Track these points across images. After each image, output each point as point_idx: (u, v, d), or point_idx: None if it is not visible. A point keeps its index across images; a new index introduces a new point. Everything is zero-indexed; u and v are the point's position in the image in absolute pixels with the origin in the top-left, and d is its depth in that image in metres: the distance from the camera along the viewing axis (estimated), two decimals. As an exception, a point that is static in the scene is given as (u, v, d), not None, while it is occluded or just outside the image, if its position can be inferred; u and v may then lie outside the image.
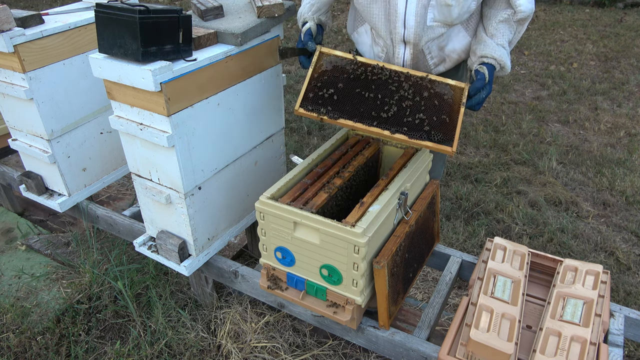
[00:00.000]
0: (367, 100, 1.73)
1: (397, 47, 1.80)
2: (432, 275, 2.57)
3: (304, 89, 1.78)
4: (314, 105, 1.76)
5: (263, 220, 1.67)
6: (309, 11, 1.93)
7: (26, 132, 2.30)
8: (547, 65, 5.34)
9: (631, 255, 2.70)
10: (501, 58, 1.74)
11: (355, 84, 1.77)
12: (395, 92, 1.73)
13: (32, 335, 2.16)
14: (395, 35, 1.77)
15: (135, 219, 2.39)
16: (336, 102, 1.75)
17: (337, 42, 6.15)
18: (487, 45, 1.75)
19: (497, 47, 1.74)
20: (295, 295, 1.74)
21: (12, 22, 1.96)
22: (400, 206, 1.72)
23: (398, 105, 1.71)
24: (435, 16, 1.68)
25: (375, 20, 1.78)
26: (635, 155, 3.64)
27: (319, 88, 1.78)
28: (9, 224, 2.92)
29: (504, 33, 1.74)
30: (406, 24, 1.71)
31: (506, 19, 1.72)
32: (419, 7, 1.67)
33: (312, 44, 1.84)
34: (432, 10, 1.67)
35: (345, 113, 1.73)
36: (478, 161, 3.58)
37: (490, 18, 1.75)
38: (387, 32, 1.79)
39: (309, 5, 1.93)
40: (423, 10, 1.67)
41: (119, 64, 1.61)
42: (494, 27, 1.74)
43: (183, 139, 1.72)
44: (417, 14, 1.68)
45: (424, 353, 1.64)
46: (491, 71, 1.75)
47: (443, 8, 1.64)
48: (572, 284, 1.68)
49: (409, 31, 1.73)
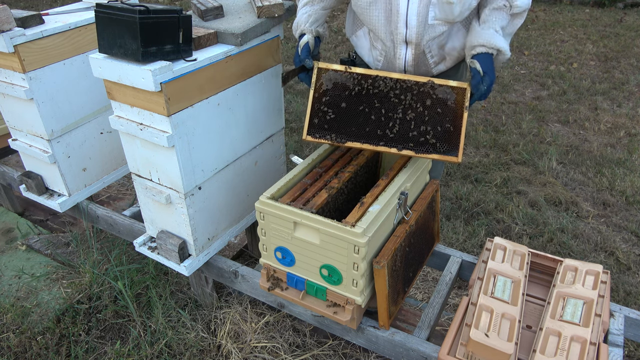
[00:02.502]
0: (371, 118, 1.75)
1: (399, 47, 1.79)
2: (432, 275, 2.57)
3: (308, 114, 1.79)
4: (320, 132, 1.79)
5: (263, 220, 1.67)
6: (306, 22, 1.87)
7: (26, 132, 2.30)
8: (547, 65, 5.34)
9: (631, 255, 2.70)
10: (489, 41, 1.67)
11: (358, 101, 1.78)
12: (398, 104, 1.74)
13: (32, 335, 2.16)
14: (397, 36, 1.76)
15: (135, 219, 2.39)
16: (341, 125, 1.77)
17: (337, 42, 6.15)
18: (476, 34, 1.70)
19: (485, 31, 1.68)
20: (295, 295, 1.74)
21: (12, 22, 1.96)
22: (400, 206, 1.72)
23: (402, 119, 1.73)
24: (436, 14, 1.68)
25: (375, 22, 1.77)
26: (635, 155, 3.64)
27: (323, 112, 1.79)
28: (9, 224, 2.92)
29: (496, 19, 1.69)
30: (408, 23, 1.71)
31: (500, 7, 1.68)
32: (420, 6, 1.66)
33: (310, 61, 1.81)
34: (433, 8, 1.66)
35: (352, 135, 1.76)
36: (478, 161, 3.59)
37: (484, 8, 1.72)
38: (387, 34, 1.79)
39: (306, 16, 1.88)
40: (425, 9, 1.67)
41: (119, 64, 1.61)
42: (486, 15, 1.71)
43: (183, 139, 1.73)
44: (419, 14, 1.68)
45: (424, 353, 1.64)
46: (485, 60, 1.68)
47: (445, 6, 1.64)
48: (572, 284, 1.68)
49: (411, 31, 1.72)
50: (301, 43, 1.86)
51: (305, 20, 1.87)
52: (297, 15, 1.91)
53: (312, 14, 1.88)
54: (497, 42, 1.67)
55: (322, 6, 1.90)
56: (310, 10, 1.88)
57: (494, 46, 1.68)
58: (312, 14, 1.88)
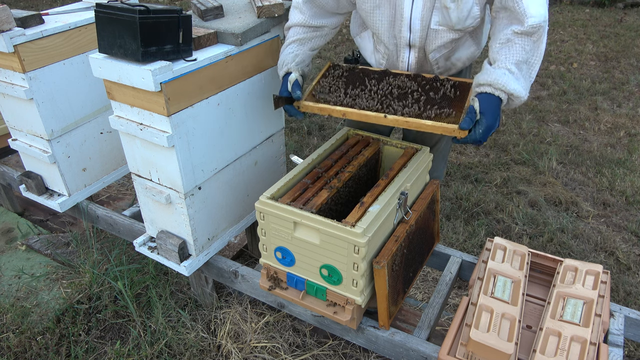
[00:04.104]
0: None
1: (402, 51, 1.79)
2: (432, 275, 2.57)
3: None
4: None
5: (263, 220, 1.67)
6: (292, 62, 1.81)
7: (26, 132, 2.30)
8: (547, 65, 5.34)
9: (631, 255, 2.70)
10: (498, 80, 1.48)
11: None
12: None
13: (32, 335, 2.16)
14: (400, 40, 1.76)
15: (135, 219, 2.39)
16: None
17: (337, 42, 6.16)
18: (485, 71, 1.53)
19: (496, 70, 1.50)
20: (295, 295, 1.74)
21: (12, 22, 1.96)
22: (400, 206, 1.72)
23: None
24: (439, 19, 1.66)
25: (378, 26, 1.76)
26: (635, 155, 3.64)
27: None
28: (9, 224, 2.92)
29: (508, 54, 1.50)
30: (412, 27, 1.70)
31: (509, 38, 1.51)
32: (424, 10, 1.65)
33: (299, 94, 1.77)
34: (436, 12, 1.65)
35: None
36: (478, 161, 3.59)
37: (492, 42, 1.57)
38: (390, 38, 1.78)
39: (292, 56, 1.82)
40: (428, 14, 1.66)
41: (118, 64, 1.61)
42: (496, 52, 1.53)
43: (183, 139, 1.72)
44: (423, 18, 1.67)
45: (424, 353, 1.64)
46: (487, 101, 1.50)
47: (443, 10, 1.63)
48: (572, 284, 1.68)
49: (415, 35, 1.72)
50: (290, 80, 1.80)
51: (292, 59, 1.82)
52: (282, 54, 1.86)
53: (300, 54, 1.84)
54: (507, 84, 1.48)
55: (311, 47, 1.88)
56: (298, 51, 1.84)
57: (502, 88, 1.48)
58: (300, 54, 1.84)
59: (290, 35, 1.87)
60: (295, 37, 1.85)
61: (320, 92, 1.82)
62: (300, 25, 1.84)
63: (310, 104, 1.77)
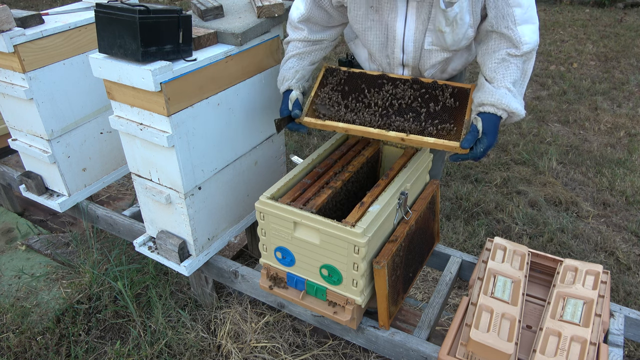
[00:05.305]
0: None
1: (396, 69, 1.81)
2: (432, 275, 2.57)
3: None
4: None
5: (263, 220, 1.67)
6: (292, 78, 1.82)
7: (26, 132, 2.30)
8: (547, 65, 5.34)
9: (631, 255, 2.70)
10: (501, 101, 1.54)
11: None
12: None
13: (32, 335, 2.16)
14: (394, 60, 1.76)
15: (135, 219, 2.39)
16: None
17: (337, 42, 6.15)
18: (486, 91, 1.57)
19: (497, 90, 1.55)
20: (295, 295, 1.74)
21: (12, 22, 1.96)
22: (400, 206, 1.72)
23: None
24: (433, 40, 1.66)
25: (370, 46, 1.77)
26: (635, 155, 3.64)
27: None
28: (9, 224, 2.92)
29: (505, 74, 1.55)
30: (405, 49, 1.71)
31: (504, 58, 1.55)
32: (417, 33, 1.65)
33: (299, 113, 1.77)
34: (430, 34, 1.65)
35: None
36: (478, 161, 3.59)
37: (486, 59, 1.60)
38: (382, 57, 1.79)
39: (292, 72, 1.83)
40: (421, 36, 1.65)
41: (118, 64, 1.61)
42: (492, 70, 1.57)
43: (183, 139, 1.72)
44: (416, 40, 1.67)
45: (424, 353, 1.64)
46: (490, 121, 1.56)
47: (438, 34, 1.62)
48: (572, 284, 1.68)
49: (408, 56, 1.73)
50: (291, 98, 1.80)
51: (292, 75, 1.82)
52: (282, 69, 1.86)
53: (300, 70, 1.84)
54: (510, 104, 1.54)
55: (310, 61, 1.87)
56: (298, 66, 1.84)
57: (505, 108, 1.55)
58: (300, 70, 1.84)
59: (290, 50, 1.86)
60: (295, 52, 1.84)
61: (320, 104, 1.80)
62: (299, 40, 1.84)
63: (312, 121, 1.77)
